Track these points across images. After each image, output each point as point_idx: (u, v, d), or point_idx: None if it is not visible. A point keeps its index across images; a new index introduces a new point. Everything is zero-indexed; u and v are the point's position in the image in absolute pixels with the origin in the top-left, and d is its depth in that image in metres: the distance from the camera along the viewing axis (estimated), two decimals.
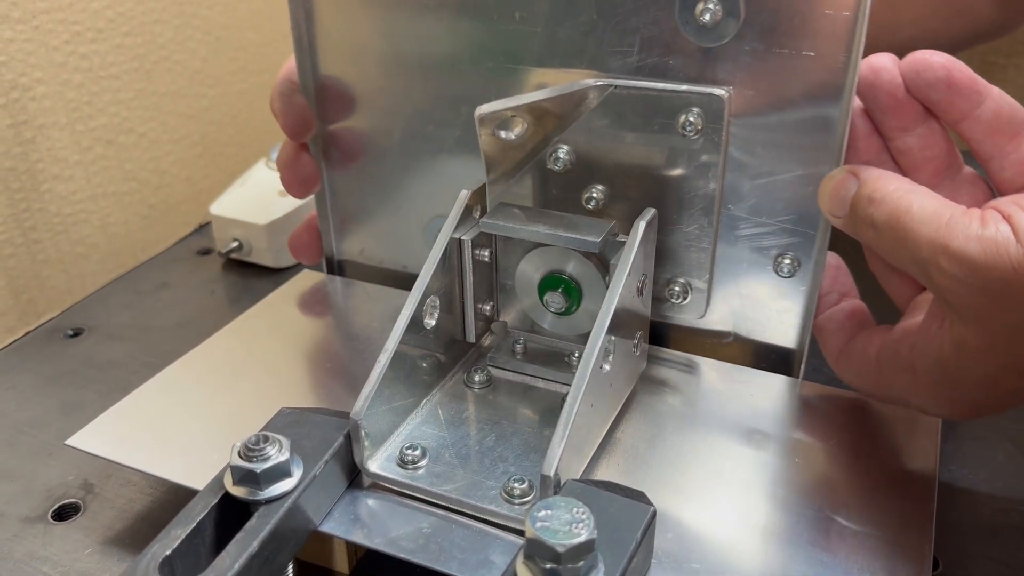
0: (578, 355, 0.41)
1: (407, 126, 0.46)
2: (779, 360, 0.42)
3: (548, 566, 0.27)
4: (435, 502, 0.35)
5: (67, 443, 0.39)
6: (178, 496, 0.40)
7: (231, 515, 0.32)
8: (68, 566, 0.37)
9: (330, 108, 0.47)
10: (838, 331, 0.39)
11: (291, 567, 0.33)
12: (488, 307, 0.43)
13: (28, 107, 0.54)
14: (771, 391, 0.41)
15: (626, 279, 0.36)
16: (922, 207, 0.31)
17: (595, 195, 0.41)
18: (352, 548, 0.37)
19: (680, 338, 0.44)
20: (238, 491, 0.32)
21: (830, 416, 0.40)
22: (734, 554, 0.33)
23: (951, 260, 0.30)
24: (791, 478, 0.36)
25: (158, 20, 0.62)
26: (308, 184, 0.49)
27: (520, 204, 0.42)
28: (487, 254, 0.41)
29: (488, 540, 0.33)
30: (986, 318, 0.30)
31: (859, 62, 0.35)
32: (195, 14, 0.65)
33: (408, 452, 0.36)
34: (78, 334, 0.55)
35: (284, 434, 0.33)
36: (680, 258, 0.41)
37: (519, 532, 0.33)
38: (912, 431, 0.39)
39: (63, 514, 0.40)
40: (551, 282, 0.41)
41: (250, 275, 0.61)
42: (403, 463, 0.36)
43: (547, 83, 0.40)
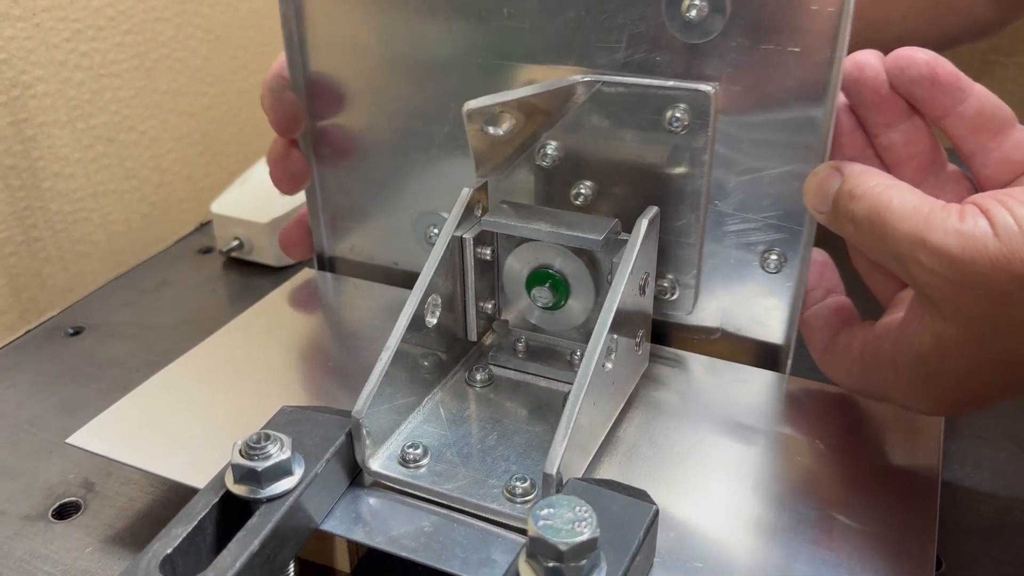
0: (580, 353, 0.41)
1: (397, 123, 0.46)
2: (767, 355, 0.42)
3: (551, 565, 0.27)
4: (437, 501, 0.35)
5: (68, 441, 0.39)
6: (179, 494, 0.40)
7: (232, 513, 0.32)
8: (69, 564, 0.37)
9: (320, 104, 0.47)
10: (824, 327, 0.39)
11: (292, 566, 0.33)
12: (489, 305, 0.42)
13: (29, 105, 0.54)
14: (762, 387, 0.41)
15: (628, 277, 0.36)
16: (902, 202, 0.31)
17: (583, 191, 0.42)
18: (353, 547, 0.36)
19: (668, 334, 0.44)
20: (239, 489, 0.32)
21: (827, 415, 0.40)
22: (736, 553, 0.33)
23: (930, 255, 0.30)
24: (792, 477, 0.36)
25: (159, 18, 0.62)
26: (297, 180, 0.49)
27: (521, 202, 0.41)
28: (488, 252, 0.41)
29: (490, 539, 0.33)
30: (965, 312, 0.30)
31: (844, 58, 0.35)
32: (196, 12, 0.65)
33: (410, 451, 0.36)
34: (79, 332, 0.55)
35: (285, 432, 0.33)
36: (668, 254, 0.41)
37: (521, 531, 0.33)
38: (914, 430, 0.39)
39: (64, 512, 0.40)
40: (539, 277, 0.41)
41: (251, 273, 0.61)
42: (405, 462, 0.36)
43: (535, 79, 0.40)
